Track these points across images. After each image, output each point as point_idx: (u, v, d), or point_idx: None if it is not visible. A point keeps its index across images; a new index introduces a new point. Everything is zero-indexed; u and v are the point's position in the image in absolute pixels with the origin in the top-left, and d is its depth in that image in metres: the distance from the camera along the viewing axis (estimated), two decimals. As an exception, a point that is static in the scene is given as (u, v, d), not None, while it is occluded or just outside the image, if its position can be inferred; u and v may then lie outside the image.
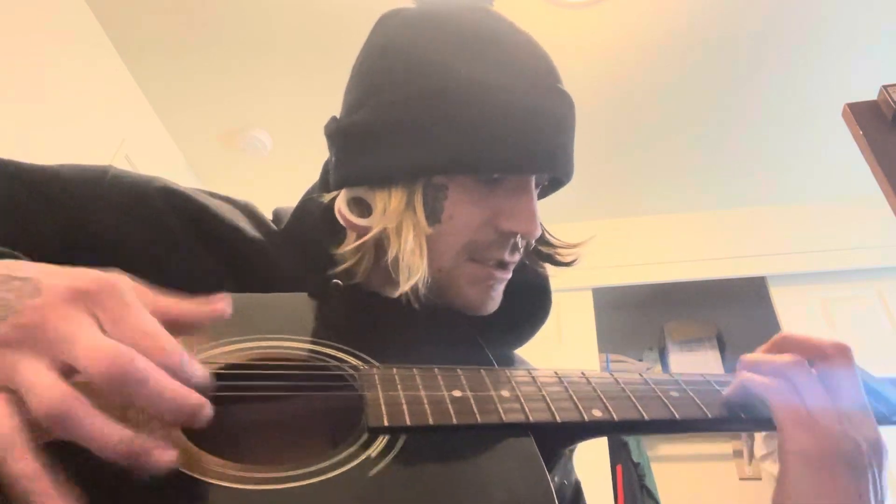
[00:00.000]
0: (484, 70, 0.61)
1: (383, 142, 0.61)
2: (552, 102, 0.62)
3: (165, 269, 0.51)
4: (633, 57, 2.20)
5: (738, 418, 0.52)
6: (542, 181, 0.66)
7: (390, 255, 0.61)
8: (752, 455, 2.66)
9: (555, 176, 0.66)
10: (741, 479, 2.69)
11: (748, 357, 0.55)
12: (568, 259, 0.73)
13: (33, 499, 0.31)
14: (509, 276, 0.66)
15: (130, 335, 0.36)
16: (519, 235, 0.62)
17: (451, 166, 0.60)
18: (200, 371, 0.38)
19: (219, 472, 0.39)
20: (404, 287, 0.59)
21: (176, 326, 0.40)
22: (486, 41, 0.63)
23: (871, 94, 0.76)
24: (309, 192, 0.71)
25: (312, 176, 0.73)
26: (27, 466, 0.31)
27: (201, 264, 0.60)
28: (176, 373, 0.36)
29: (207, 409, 0.36)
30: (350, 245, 0.63)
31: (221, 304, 0.42)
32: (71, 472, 0.33)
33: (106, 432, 0.33)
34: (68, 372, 0.35)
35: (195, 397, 0.36)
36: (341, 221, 0.63)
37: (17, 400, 0.33)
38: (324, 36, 2.12)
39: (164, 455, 0.34)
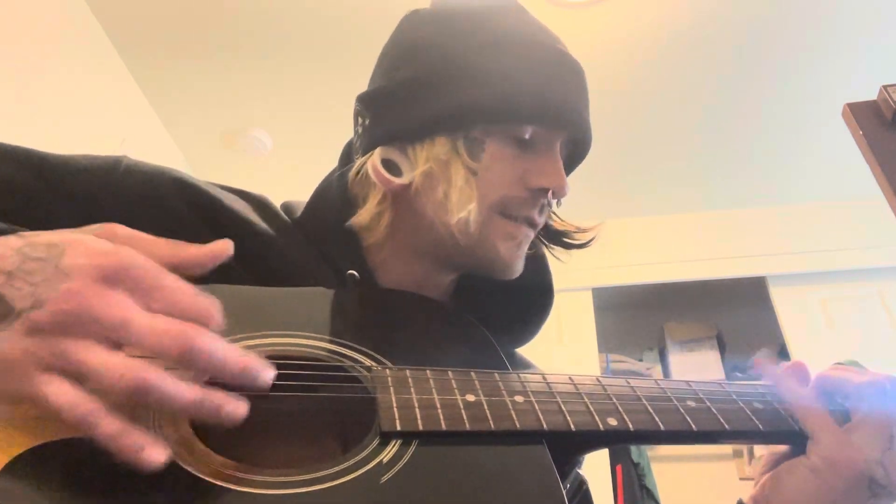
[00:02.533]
0: (514, 32, 0.66)
1: (424, 95, 0.64)
2: (573, 68, 0.67)
3: None
4: (633, 57, 2.19)
5: (758, 431, 0.51)
6: (563, 151, 0.68)
7: (438, 193, 0.63)
8: (752, 455, 2.66)
9: (575, 143, 0.69)
10: (741, 479, 2.69)
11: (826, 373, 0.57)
12: (580, 241, 0.74)
13: (131, 451, 0.34)
14: (532, 237, 0.68)
15: (173, 304, 0.38)
16: (551, 192, 0.65)
17: (493, 113, 0.63)
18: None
19: (229, 475, 0.38)
20: (458, 215, 0.61)
21: (181, 270, 0.41)
22: (508, 13, 0.68)
23: (871, 94, 0.76)
24: (327, 178, 0.71)
25: (312, 175, 0.73)
26: (115, 425, 0.34)
27: None
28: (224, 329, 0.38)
29: (267, 373, 0.39)
30: (374, 203, 0.65)
31: (224, 245, 0.44)
32: (78, 474, 0.33)
33: (186, 392, 0.35)
34: (117, 349, 0.36)
35: (257, 362, 0.38)
36: (374, 178, 0.64)
37: (82, 380, 0.35)
38: (324, 36, 2.12)
39: (239, 407, 0.37)
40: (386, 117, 0.65)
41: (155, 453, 0.34)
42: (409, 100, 0.65)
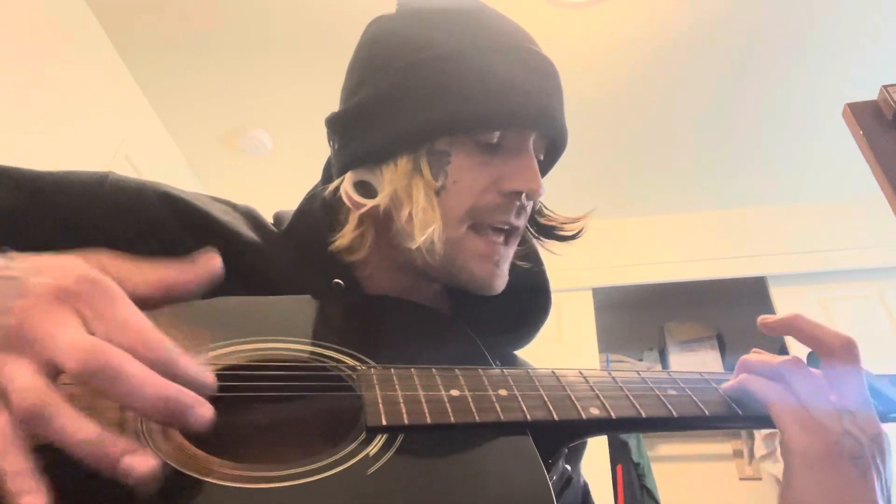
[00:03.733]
0: (472, 37, 0.64)
1: (383, 115, 0.63)
2: (539, 63, 0.65)
3: None
4: (633, 57, 2.20)
5: (737, 416, 0.52)
6: (538, 150, 0.66)
7: (403, 216, 0.61)
8: (752, 455, 2.66)
9: (550, 138, 0.67)
10: (741, 479, 2.69)
11: (747, 358, 0.55)
12: (572, 232, 0.73)
13: (14, 495, 0.31)
14: (513, 250, 0.66)
15: (112, 329, 0.36)
16: (524, 195, 0.63)
17: (452, 125, 0.61)
18: (192, 364, 0.37)
19: (216, 471, 0.39)
20: (420, 239, 0.60)
21: (172, 294, 0.40)
22: (469, 16, 0.66)
23: (870, 94, 0.76)
24: (311, 192, 0.71)
25: (312, 176, 0.73)
26: (14, 463, 0.31)
27: None
28: (164, 365, 0.35)
29: (202, 410, 0.35)
30: (353, 224, 0.64)
31: (211, 261, 0.42)
32: (66, 469, 0.33)
33: (73, 431, 0.32)
34: (55, 372, 0.34)
35: (184, 395, 0.35)
36: (347, 202, 0.64)
37: (5, 401, 0.33)
38: (324, 36, 2.12)
39: (139, 462, 0.33)
40: (351, 141, 0.65)
41: (29, 502, 0.31)
42: (369, 122, 0.64)
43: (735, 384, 0.54)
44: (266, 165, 2.65)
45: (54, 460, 0.33)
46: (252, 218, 0.68)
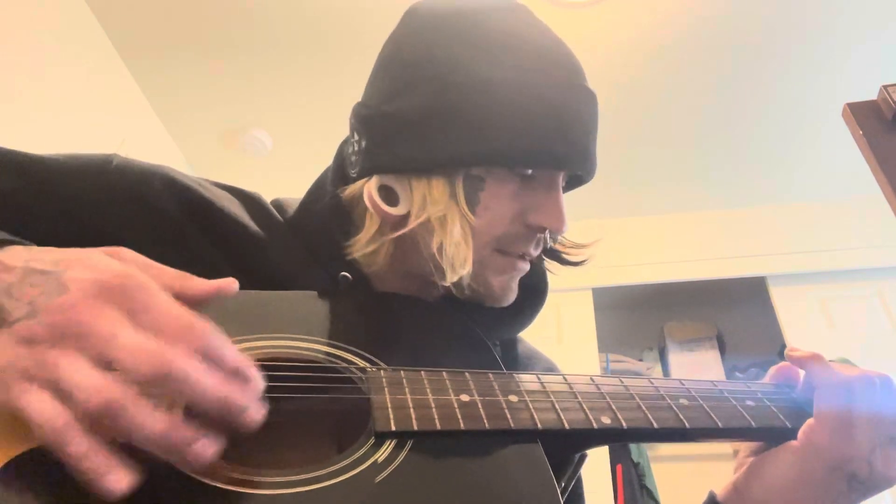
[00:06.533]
0: (522, 65, 0.62)
1: (426, 131, 0.60)
2: (583, 100, 0.64)
3: (167, 261, 0.51)
4: (632, 57, 2.19)
5: (749, 428, 0.52)
6: (563, 178, 0.66)
7: (433, 244, 0.60)
8: (752, 455, 2.65)
9: (580, 174, 0.67)
10: (741, 479, 2.69)
11: (823, 360, 0.57)
12: (576, 259, 0.73)
13: (93, 474, 0.33)
14: (527, 268, 0.67)
15: (157, 323, 0.37)
16: (547, 231, 0.63)
17: (495, 158, 0.60)
18: (239, 355, 0.38)
19: (226, 476, 0.39)
20: (452, 277, 0.59)
21: (181, 299, 0.41)
22: (519, 36, 0.64)
23: (870, 94, 0.75)
24: (321, 181, 0.70)
25: (312, 176, 0.73)
26: (84, 445, 0.33)
27: (204, 257, 0.60)
28: (214, 358, 0.37)
29: (254, 413, 0.37)
30: (371, 232, 0.63)
31: (227, 283, 0.43)
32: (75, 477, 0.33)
33: (149, 424, 0.34)
34: (106, 367, 0.35)
35: (240, 396, 0.37)
36: (370, 208, 0.62)
37: (61, 394, 0.34)
38: (324, 36, 2.12)
39: (207, 447, 0.35)
40: (382, 146, 0.62)
41: (116, 480, 0.33)
42: (407, 133, 0.61)
43: (801, 360, 0.57)
44: (266, 165, 2.64)
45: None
46: (258, 205, 0.67)
